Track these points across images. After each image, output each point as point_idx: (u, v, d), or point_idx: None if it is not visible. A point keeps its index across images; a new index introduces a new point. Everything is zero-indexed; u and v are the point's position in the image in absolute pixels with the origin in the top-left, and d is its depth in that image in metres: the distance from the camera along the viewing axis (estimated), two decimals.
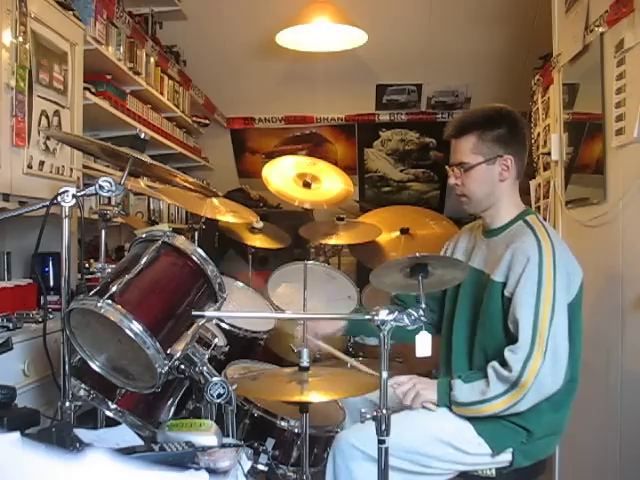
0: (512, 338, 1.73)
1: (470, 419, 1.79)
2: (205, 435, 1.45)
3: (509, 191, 1.90)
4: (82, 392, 1.70)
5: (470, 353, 1.88)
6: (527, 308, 1.71)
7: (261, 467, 1.97)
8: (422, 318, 1.48)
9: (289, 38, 3.89)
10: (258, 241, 3.24)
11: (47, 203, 1.63)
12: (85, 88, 2.86)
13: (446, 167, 1.95)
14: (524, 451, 1.80)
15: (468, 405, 1.76)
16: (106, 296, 1.52)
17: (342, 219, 3.25)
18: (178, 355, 1.51)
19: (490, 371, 1.73)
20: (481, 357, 1.84)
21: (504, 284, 1.78)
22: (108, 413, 1.71)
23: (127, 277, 1.57)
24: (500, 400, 1.71)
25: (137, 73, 3.56)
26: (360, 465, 1.73)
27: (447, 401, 1.79)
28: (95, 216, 2.35)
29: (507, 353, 1.71)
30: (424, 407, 1.82)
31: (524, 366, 1.67)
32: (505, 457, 1.80)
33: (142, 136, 1.92)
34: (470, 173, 1.87)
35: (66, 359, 1.64)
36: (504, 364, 1.71)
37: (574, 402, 1.86)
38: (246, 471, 1.41)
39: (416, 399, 1.82)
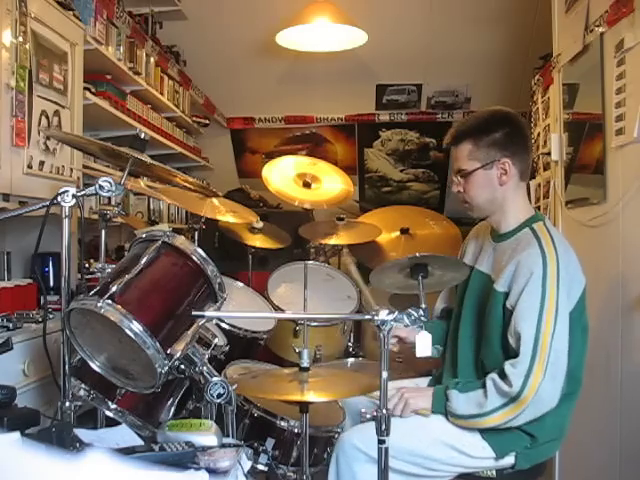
0: (510, 350, 1.71)
1: None
2: (205, 435, 1.45)
3: (513, 194, 1.87)
4: (82, 392, 1.70)
5: (476, 354, 1.87)
6: (529, 322, 1.68)
7: (261, 467, 1.98)
8: (422, 318, 1.48)
9: (289, 38, 3.89)
10: (258, 241, 3.24)
11: (47, 203, 1.63)
12: (85, 88, 2.85)
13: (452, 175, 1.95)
14: (527, 455, 1.79)
15: (466, 418, 1.75)
16: (106, 296, 1.52)
17: (342, 219, 3.25)
18: (178, 355, 1.51)
19: (489, 383, 1.71)
20: (485, 360, 1.83)
21: (506, 295, 1.75)
22: (108, 413, 1.71)
23: (127, 277, 1.57)
24: (498, 414, 1.69)
25: (137, 73, 3.55)
26: (363, 467, 1.72)
27: (442, 409, 1.78)
28: (95, 216, 2.36)
29: (507, 367, 1.68)
30: (417, 414, 1.81)
31: (525, 381, 1.65)
32: (508, 460, 1.80)
33: (142, 136, 1.91)
34: (469, 179, 1.86)
35: (66, 359, 1.64)
36: (503, 377, 1.69)
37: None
38: (246, 471, 1.40)
39: (406, 408, 1.80)
